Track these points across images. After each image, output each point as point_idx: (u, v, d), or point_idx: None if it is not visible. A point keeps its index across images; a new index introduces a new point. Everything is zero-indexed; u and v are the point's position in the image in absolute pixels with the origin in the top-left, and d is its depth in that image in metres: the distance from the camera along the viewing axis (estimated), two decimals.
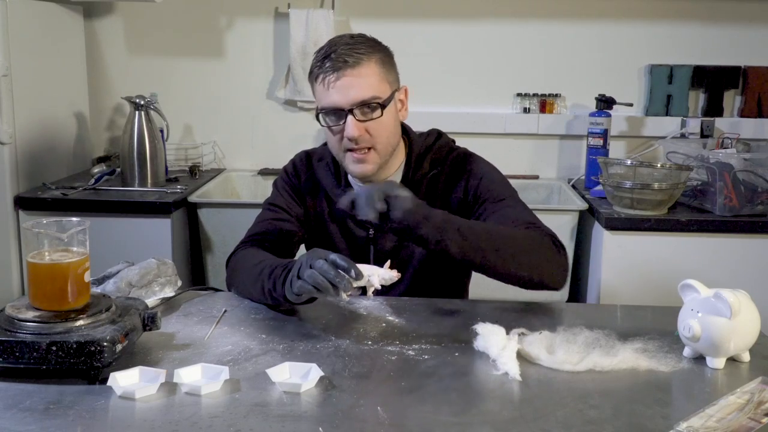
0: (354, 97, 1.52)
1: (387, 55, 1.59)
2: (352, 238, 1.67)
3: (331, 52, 1.53)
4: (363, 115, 1.53)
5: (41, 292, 1.19)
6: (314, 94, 1.59)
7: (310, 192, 1.71)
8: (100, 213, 2.36)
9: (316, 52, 1.57)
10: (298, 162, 1.75)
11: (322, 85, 1.54)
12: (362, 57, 1.52)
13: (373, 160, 1.57)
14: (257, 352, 1.29)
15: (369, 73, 1.53)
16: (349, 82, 1.51)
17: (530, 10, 2.86)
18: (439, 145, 1.68)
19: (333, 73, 1.52)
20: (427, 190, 1.65)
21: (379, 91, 1.54)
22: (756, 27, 2.82)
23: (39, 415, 1.05)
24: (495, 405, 1.12)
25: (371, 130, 1.54)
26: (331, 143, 1.60)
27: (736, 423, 1.03)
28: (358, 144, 1.54)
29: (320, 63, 1.54)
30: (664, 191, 2.30)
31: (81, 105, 2.84)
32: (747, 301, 1.24)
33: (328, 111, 1.55)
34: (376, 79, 1.54)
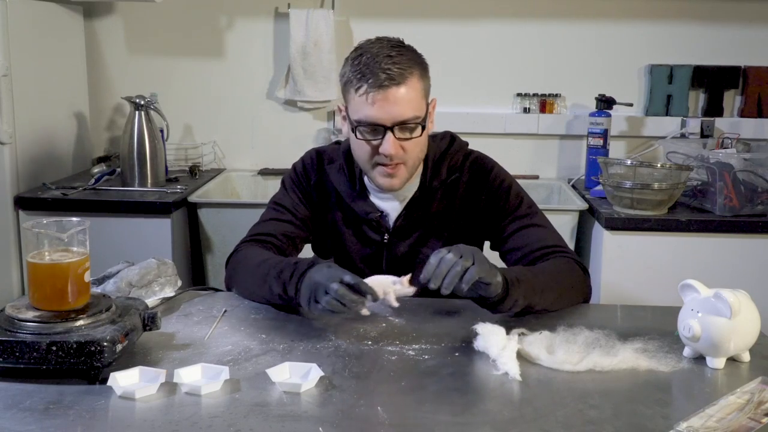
0: (397, 116, 1.48)
1: (425, 68, 1.55)
2: (367, 242, 1.66)
3: (373, 63, 1.47)
4: (401, 133, 1.50)
5: (41, 292, 1.19)
6: (348, 100, 1.53)
7: (320, 195, 1.69)
8: (100, 213, 2.36)
9: (353, 57, 1.51)
10: (308, 162, 1.71)
11: (364, 98, 1.47)
12: (406, 73, 1.48)
13: (402, 175, 1.56)
14: (257, 352, 1.29)
15: (412, 90, 1.49)
16: (393, 99, 1.47)
17: (530, 10, 2.86)
18: (454, 150, 1.66)
19: (377, 89, 1.46)
20: (444, 195, 1.65)
21: (419, 110, 1.51)
22: (756, 27, 2.83)
23: (39, 415, 1.05)
24: (495, 405, 1.12)
25: (407, 148, 1.52)
26: (360, 154, 1.56)
27: (736, 423, 1.03)
28: (392, 161, 1.52)
29: (361, 74, 1.48)
30: (664, 191, 2.30)
31: (81, 105, 2.84)
32: (747, 301, 1.24)
33: (366, 125, 1.50)
34: (418, 96, 1.51)
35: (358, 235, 1.66)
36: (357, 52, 1.52)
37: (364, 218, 1.64)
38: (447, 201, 1.65)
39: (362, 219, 1.64)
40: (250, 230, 1.67)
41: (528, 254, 1.57)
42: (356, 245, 1.67)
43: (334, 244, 1.69)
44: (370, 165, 1.55)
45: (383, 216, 1.64)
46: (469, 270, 1.28)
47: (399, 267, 1.64)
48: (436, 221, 1.65)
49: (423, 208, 1.64)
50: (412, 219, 1.64)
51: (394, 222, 1.64)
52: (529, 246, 1.58)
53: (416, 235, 1.65)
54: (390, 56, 1.48)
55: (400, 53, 1.50)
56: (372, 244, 1.66)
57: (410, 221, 1.64)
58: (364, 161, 1.56)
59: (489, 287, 1.33)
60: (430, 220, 1.65)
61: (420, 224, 1.64)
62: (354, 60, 1.51)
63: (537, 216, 1.64)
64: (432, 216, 1.64)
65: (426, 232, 1.65)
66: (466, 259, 1.29)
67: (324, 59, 2.81)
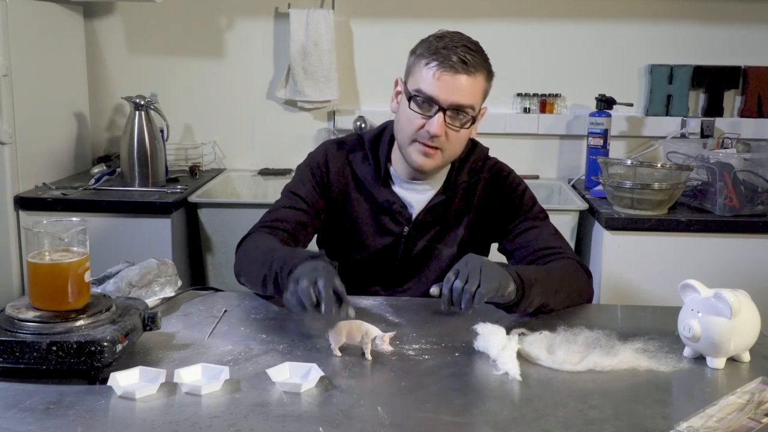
0: (456, 100, 1.52)
1: (491, 74, 1.60)
2: (386, 232, 1.68)
3: (452, 47, 1.51)
4: (452, 119, 1.54)
5: (41, 292, 1.19)
6: (412, 72, 1.56)
7: (340, 184, 1.69)
8: (100, 213, 2.36)
9: (434, 37, 1.55)
10: (330, 152, 1.71)
11: (432, 72, 1.51)
12: (478, 66, 1.53)
13: (437, 160, 1.58)
14: (257, 352, 1.29)
15: (476, 84, 1.54)
16: (459, 84, 1.51)
17: (530, 10, 2.86)
18: (477, 153, 1.71)
19: (449, 68, 1.50)
20: (464, 195, 1.69)
21: (476, 103, 1.56)
22: (756, 27, 2.82)
23: (39, 415, 1.05)
24: (495, 405, 1.12)
25: (450, 136, 1.55)
26: (406, 126, 1.57)
27: (736, 423, 1.03)
28: (433, 141, 1.54)
29: (436, 51, 1.51)
30: (664, 191, 2.30)
31: (81, 105, 2.84)
32: (747, 301, 1.24)
33: (425, 99, 1.53)
34: (479, 92, 1.56)
35: (378, 225, 1.68)
36: (436, 35, 1.57)
37: (386, 208, 1.66)
38: (466, 201, 1.69)
39: (384, 209, 1.66)
40: (263, 216, 1.67)
41: (532, 252, 1.61)
42: (374, 236, 1.68)
43: (349, 235, 1.69)
44: (410, 139, 1.57)
45: (405, 207, 1.66)
46: (476, 293, 1.30)
47: (413, 260, 1.68)
48: (455, 219, 1.69)
49: (444, 206, 1.67)
50: (434, 214, 1.67)
51: (416, 215, 1.66)
52: (534, 245, 1.62)
53: (435, 230, 1.68)
54: (468, 47, 1.54)
55: (477, 50, 1.56)
56: (391, 235, 1.67)
57: (432, 217, 1.67)
58: (407, 134, 1.57)
59: (503, 297, 1.37)
60: (450, 218, 1.68)
61: (440, 220, 1.68)
62: (434, 40, 1.55)
63: (547, 221, 1.69)
64: (451, 214, 1.68)
65: (445, 229, 1.68)
66: (472, 283, 1.30)
67: (324, 59, 2.81)
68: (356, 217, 1.68)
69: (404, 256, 1.68)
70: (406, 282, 1.70)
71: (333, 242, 1.73)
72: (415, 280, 1.69)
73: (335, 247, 1.71)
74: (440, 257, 1.68)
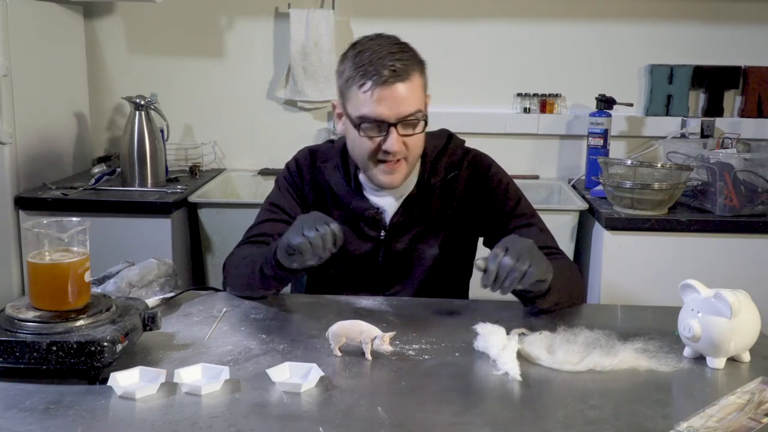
0: (401, 112, 1.48)
1: (423, 65, 1.56)
2: (364, 238, 1.66)
3: (377, 60, 1.47)
4: (404, 129, 1.51)
5: (41, 292, 1.19)
6: (347, 97, 1.52)
7: (315, 193, 1.69)
8: (100, 213, 2.36)
9: (355, 53, 1.51)
10: (301, 161, 1.72)
11: (369, 94, 1.47)
12: (409, 68, 1.48)
13: (403, 171, 1.56)
14: (257, 352, 1.29)
15: (414, 86, 1.50)
16: (398, 96, 1.47)
17: (530, 10, 2.86)
18: (452, 147, 1.67)
19: (382, 85, 1.46)
20: (442, 193, 1.65)
21: (421, 104, 1.52)
22: (756, 27, 2.82)
23: (39, 415, 1.05)
24: (495, 405, 1.12)
25: (409, 144, 1.53)
26: (361, 152, 1.55)
27: (736, 423, 1.03)
28: (394, 157, 1.52)
29: (364, 70, 1.47)
30: (664, 191, 2.30)
31: (81, 105, 2.84)
32: (747, 301, 1.24)
33: (371, 122, 1.50)
34: (420, 92, 1.52)
35: (355, 232, 1.66)
36: (356, 49, 1.52)
37: (360, 215, 1.64)
38: (445, 198, 1.65)
39: (359, 216, 1.64)
40: (246, 232, 1.68)
41: None
42: (354, 242, 1.66)
43: None
44: (371, 162, 1.55)
45: (380, 212, 1.64)
46: (527, 273, 1.29)
47: (396, 263, 1.65)
48: (434, 218, 1.65)
49: (421, 205, 1.64)
50: (410, 216, 1.64)
51: (391, 218, 1.64)
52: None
53: (414, 232, 1.65)
54: (392, 53, 1.49)
55: (402, 50, 1.51)
56: (369, 241, 1.66)
57: (408, 218, 1.64)
58: (365, 158, 1.56)
59: (541, 283, 1.36)
60: (428, 217, 1.65)
61: (418, 221, 1.65)
62: (355, 57, 1.50)
63: (535, 217, 1.66)
64: (430, 213, 1.65)
65: (424, 229, 1.65)
66: (523, 262, 1.30)
67: (324, 59, 2.81)
68: None
69: (386, 261, 1.65)
70: (393, 286, 1.67)
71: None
72: (400, 284, 1.67)
73: None
74: (423, 258, 1.65)
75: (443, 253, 1.66)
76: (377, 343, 1.25)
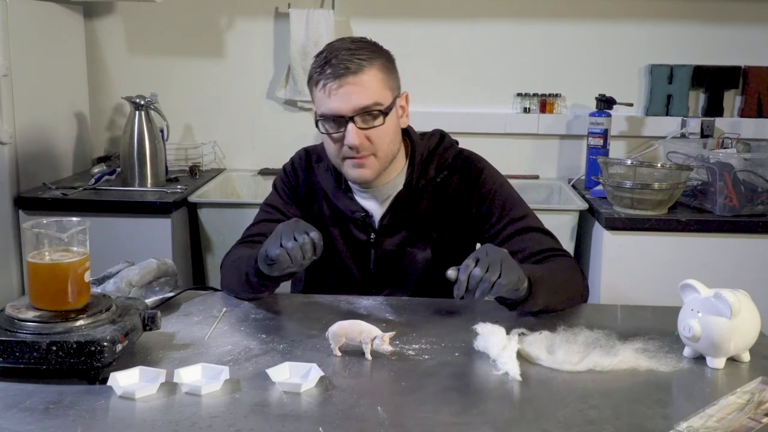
0: (355, 104, 1.48)
1: (389, 61, 1.55)
2: (354, 241, 1.66)
3: (332, 57, 1.49)
4: (364, 122, 1.50)
5: (41, 292, 1.19)
6: (313, 99, 1.56)
7: (308, 194, 1.69)
8: (100, 213, 2.36)
9: (316, 56, 1.54)
10: (296, 162, 1.73)
11: (323, 91, 1.50)
12: (364, 63, 1.49)
13: (373, 166, 1.55)
14: (257, 352, 1.29)
15: (371, 79, 1.49)
16: (351, 89, 1.48)
17: (530, 10, 2.86)
18: (443, 148, 1.66)
19: (334, 79, 1.48)
20: (433, 195, 1.64)
21: (380, 98, 1.51)
22: (756, 27, 2.82)
23: (39, 415, 1.05)
24: (495, 405, 1.12)
25: (372, 138, 1.52)
26: (330, 150, 1.57)
27: (736, 423, 1.03)
28: (359, 152, 1.52)
29: (320, 68, 1.50)
30: (664, 191, 2.30)
31: (81, 105, 2.84)
32: (747, 301, 1.24)
33: (328, 118, 1.51)
34: (378, 86, 1.51)
35: (345, 234, 1.66)
36: (319, 52, 1.54)
37: (350, 217, 1.64)
38: (436, 200, 1.64)
39: (348, 218, 1.64)
40: (243, 232, 1.68)
41: (529, 257, 1.56)
42: (344, 244, 1.66)
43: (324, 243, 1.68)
44: (339, 159, 1.56)
45: (369, 215, 1.64)
46: (496, 284, 1.28)
47: (387, 266, 1.65)
48: (424, 220, 1.64)
49: (410, 207, 1.63)
50: (398, 218, 1.63)
51: (379, 221, 1.64)
52: (530, 249, 1.57)
53: (404, 234, 1.64)
54: (349, 49, 1.50)
55: (359, 46, 1.51)
56: (359, 243, 1.65)
57: (397, 220, 1.64)
58: (334, 156, 1.57)
59: (516, 291, 1.35)
60: (419, 219, 1.64)
61: (407, 223, 1.64)
62: (316, 58, 1.53)
63: (531, 218, 1.63)
64: (420, 215, 1.64)
65: (414, 231, 1.64)
66: (493, 272, 1.29)
67: None
68: (327, 226, 1.66)
69: (378, 264, 1.65)
70: (385, 289, 1.66)
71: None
72: (393, 287, 1.66)
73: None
74: (414, 261, 1.64)
75: (436, 257, 1.64)
76: (377, 343, 1.25)
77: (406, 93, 1.60)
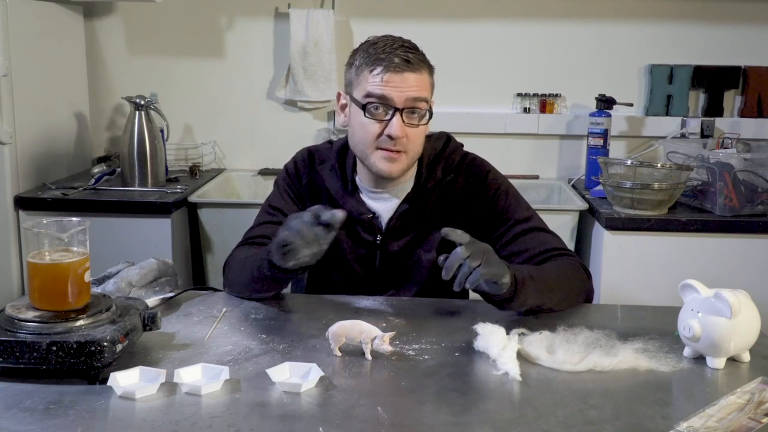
0: (409, 96, 1.51)
1: (432, 70, 1.60)
2: (360, 242, 1.65)
3: (395, 47, 1.52)
4: (408, 118, 1.53)
5: (41, 292, 1.19)
6: (355, 84, 1.55)
7: (312, 195, 1.68)
8: (100, 213, 2.36)
9: (367, 46, 1.55)
10: (300, 162, 1.72)
11: (380, 76, 1.50)
12: (421, 63, 1.54)
13: (403, 163, 1.56)
14: (257, 352, 1.29)
15: (425, 79, 1.55)
16: (409, 82, 1.51)
17: (530, 10, 2.86)
18: (450, 150, 1.67)
19: (395, 68, 1.50)
20: (439, 197, 1.64)
21: (428, 97, 1.56)
22: (756, 27, 2.83)
23: (39, 415, 1.05)
24: (495, 405, 1.12)
25: (410, 136, 1.54)
26: (363, 137, 1.55)
27: (736, 423, 1.03)
28: (395, 145, 1.53)
29: (376, 58, 1.51)
30: (664, 191, 2.30)
31: (81, 105, 2.84)
32: (747, 301, 1.24)
33: (378, 103, 1.52)
34: (429, 88, 1.56)
35: (352, 235, 1.65)
36: (369, 42, 1.56)
37: (356, 218, 1.64)
38: (442, 202, 1.65)
39: (355, 219, 1.64)
40: (245, 234, 1.67)
41: (532, 257, 1.57)
42: (350, 245, 1.66)
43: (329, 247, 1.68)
44: (371, 148, 1.55)
45: (375, 217, 1.64)
46: (474, 271, 1.30)
47: (393, 268, 1.65)
48: (430, 222, 1.64)
49: (417, 209, 1.64)
50: (406, 220, 1.64)
51: (387, 223, 1.64)
52: (533, 249, 1.58)
53: (410, 236, 1.64)
54: (405, 46, 1.54)
55: (415, 48, 1.56)
56: (365, 245, 1.65)
57: (404, 222, 1.64)
58: (367, 144, 1.56)
59: (496, 286, 1.35)
60: (425, 221, 1.64)
61: (414, 225, 1.64)
62: (368, 48, 1.55)
63: (536, 219, 1.64)
64: (427, 217, 1.64)
65: (420, 233, 1.64)
66: (474, 259, 1.30)
67: (324, 59, 2.81)
68: None
69: (383, 265, 1.65)
70: (389, 289, 1.66)
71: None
72: (398, 289, 1.66)
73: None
74: (420, 263, 1.64)
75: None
76: (377, 343, 1.25)
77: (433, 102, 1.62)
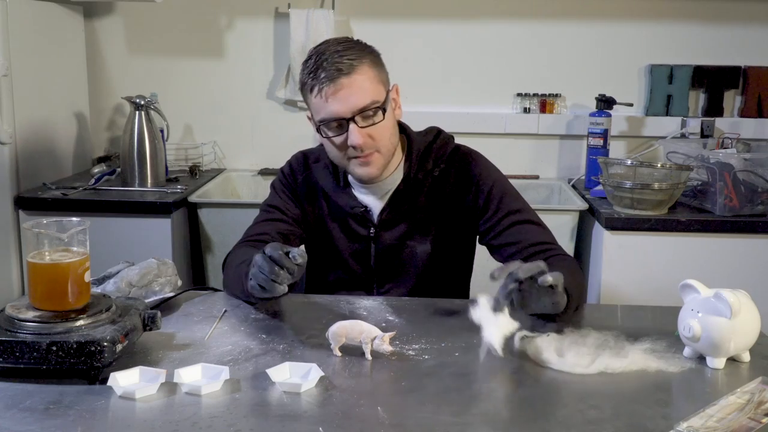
0: (354, 105, 1.50)
1: (376, 56, 1.57)
2: (354, 236, 1.67)
3: (322, 61, 1.50)
4: (364, 121, 1.52)
5: (41, 292, 1.19)
6: (309, 106, 1.57)
7: (308, 193, 1.71)
8: (100, 213, 2.36)
9: (304, 63, 1.54)
10: (294, 163, 1.74)
11: (319, 96, 1.50)
12: (354, 62, 1.50)
13: (378, 162, 1.57)
14: (257, 352, 1.29)
15: (364, 78, 1.51)
16: (347, 90, 1.49)
17: (530, 10, 2.86)
18: (440, 143, 1.68)
19: (329, 83, 1.48)
20: (431, 188, 1.65)
21: (376, 95, 1.52)
22: (756, 27, 2.83)
23: (39, 415, 1.05)
24: (495, 405, 1.12)
25: (374, 135, 1.53)
26: (333, 153, 1.58)
27: (736, 423, 1.03)
28: (363, 151, 1.53)
29: (312, 74, 1.51)
30: (664, 191, 2.30)
31: (81, 105, 2.84)
32: (747, 301, 1.24)
33: (329, 122, 1.53)
34: (372, 83, 1.52)
35: (346, 230, 1.67)
36: (306, 59, 1.55)
37: (349, 212, 1.66)
38: (434, 193, 1.66)
39: (348, 213, 1.66)
40: (243, 234, 1.68)
41: (523, 249, 1.57)
42: (344, 240, 1.68)
43: (323, 241, 1.70)
44: (345, 160, 1.58)
45: (368, 210, 1.65)
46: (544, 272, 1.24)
47: (387, 260, 1.67)
48: (423, 214, 1.65)
49: (409, 201, 1.65)
50: (397, 212, 1.65)
51: (378, 215, 1.65)
52: (525, 242, 1.58)
53: (403, 227, 1.66)
54: (337, 51, 1.51)
55: (346, 47, 1.52)
56: (359, 238, 1.67)
57: (396, 214, 1.65)
58: (339, 158, 1.58)
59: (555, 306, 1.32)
60: (417, 212, 1.65)
61: (406, 217, 1.65)
62: (305, 64, 1.54)
63: (528, 211, 1.64)
64: (419, 208, 1.65)
65: (413, 225, 1.66)
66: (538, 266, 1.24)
67: None
68: (326, 224, 1.69)
69: (378, 258, 1.67)
70: (386, 283, 1.68)
71: (310, 252, 1.73)
72: (394, 282, 1.68)
73: (312, 256, 1.70)
74: (415, 255, 1.66)
75: (436, 251, 1.66)
76: (377, 343, 1.25)
77: (395, 85, 1.62)
